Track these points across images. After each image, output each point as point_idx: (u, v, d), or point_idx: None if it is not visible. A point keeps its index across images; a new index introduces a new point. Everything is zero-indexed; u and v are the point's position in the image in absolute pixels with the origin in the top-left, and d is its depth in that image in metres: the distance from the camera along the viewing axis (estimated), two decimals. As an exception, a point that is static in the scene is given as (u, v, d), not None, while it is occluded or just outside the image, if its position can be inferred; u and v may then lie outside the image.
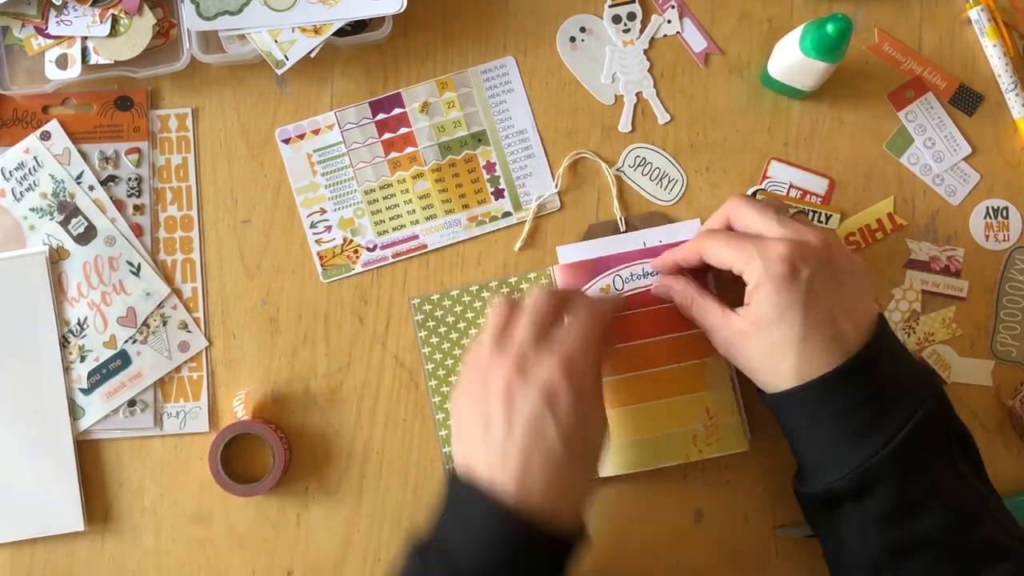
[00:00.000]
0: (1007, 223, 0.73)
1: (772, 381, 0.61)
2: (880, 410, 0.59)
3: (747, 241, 0.61)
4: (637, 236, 0.72)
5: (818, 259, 0.60)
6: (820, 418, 0.60)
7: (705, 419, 0.70)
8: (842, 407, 0.59)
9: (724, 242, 0.62)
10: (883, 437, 0.58)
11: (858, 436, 0.59)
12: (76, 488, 0.71)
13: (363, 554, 0.72)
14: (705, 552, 0.72)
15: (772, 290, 0.59)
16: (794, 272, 0.59)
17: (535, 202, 0.73)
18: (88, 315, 0.72)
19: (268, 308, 0.73)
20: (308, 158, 0.73)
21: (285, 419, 0.72)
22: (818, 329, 0.59)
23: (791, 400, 0.60)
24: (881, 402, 0.59)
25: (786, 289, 0.59)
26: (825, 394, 0.59)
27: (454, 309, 0.72)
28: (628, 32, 0.74)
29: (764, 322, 0.60)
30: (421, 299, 0.72)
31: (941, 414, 0.61)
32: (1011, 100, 0.73)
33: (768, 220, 0.62)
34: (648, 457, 0.70)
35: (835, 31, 0.63)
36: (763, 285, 0.60)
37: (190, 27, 0.70)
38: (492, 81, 0.74)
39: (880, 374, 0.60)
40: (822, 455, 0.61)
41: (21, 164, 0.72)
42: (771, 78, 0.71)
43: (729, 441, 0.70)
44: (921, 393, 0.60)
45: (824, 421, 0.60)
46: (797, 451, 0.63)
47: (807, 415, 0.60)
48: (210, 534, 0.72)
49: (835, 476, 0.59)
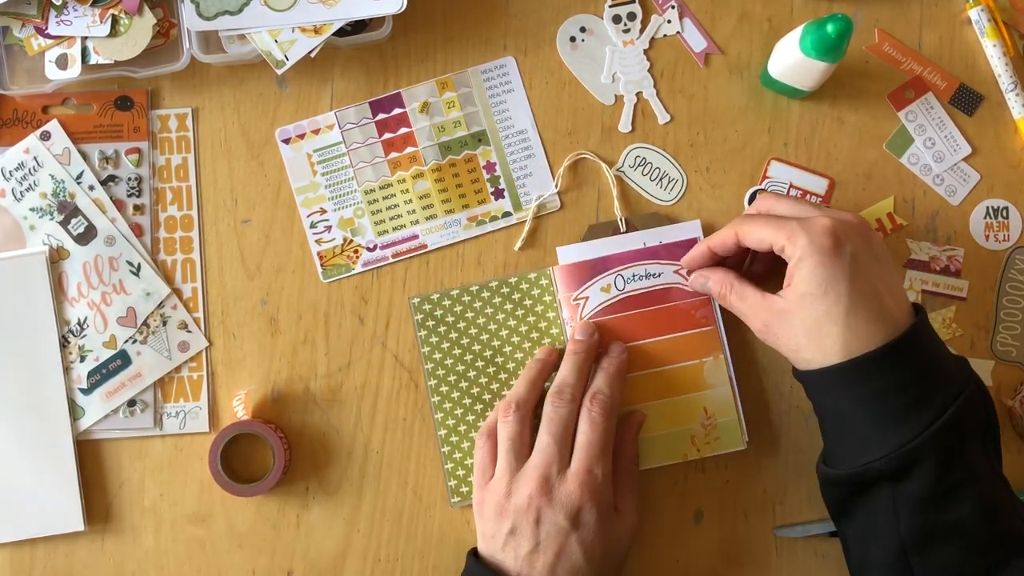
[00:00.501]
0: (1007, 223, 0.73)
1: (815, 359, 0.61)
2: (924, 392, 0.58)
3: (787, 219, 0.62)
4: (637, 236, 0.72)
5: (859, 235, 0.60)
6: (863, 396, 0.59)
7: (704, 418, 0.70)
8: (886, 386, 0.58)
9: (764, 221, 0.63)
10: (927, 418, 0.57)
11: (902, 416, 0.58)
12: (76, 488, 0.71)
13: (363, 554, 0.72)
14: (705, 552, 0.72)
15: (817, 263, 0.59)
16: (838, 245, 0.59)
17: (535, 202, 0.73)
18: (88, 315, 0.72)
19: (268, 308, 0.73)
20: (308, 158, 0.73)
21: (285, 419, 0.72)
22: (864, 303, 0.59)
23: (836, 376, 0.60)
24: (926, 384, 0.59)
25: (831, 262, 0.59)
26: (872, 371, 0.59)
27: (454, 309, 0.72)
28: (628, 32, 0.74)
29: (808, 298, 0.60)
30: (421, 298, 0.72)
31: (981, 401, 0.60)
32: (1011, 100, 0.73)
33: (803, 205, 0.63)
34: (646, 457, 0.70)
35: (835, 31, 0.63)
36: (807, 258, 0.59)
37: (190, 27, 0.70)
38: (492, 81, 0.74)
39: (924, 356, 0.60)
40: (862, 435, 0.60)
41: (21, 164, 0.72)
42: (771, 78, 0.71)
43: (727, 440, 0.70)
44: (962, 379, 0.60)
45: (867, 400, 0.59)
46: (832, 431, 0.62)
47: (851, 393, 0.60)
48: (210, 534, 0.72)
49: (874, 456, 0.58)
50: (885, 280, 0.61)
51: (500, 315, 0.71)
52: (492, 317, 0.71)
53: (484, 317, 0.71)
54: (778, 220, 0.62)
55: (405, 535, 0.71)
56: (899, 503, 0.58)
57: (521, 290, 0.72)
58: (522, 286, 0.72)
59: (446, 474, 0.71)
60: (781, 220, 0.62)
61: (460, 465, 0.71)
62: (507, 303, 0.72)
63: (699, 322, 0.70)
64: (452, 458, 0.71)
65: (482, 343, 0.71)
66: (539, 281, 0.72)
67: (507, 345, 0.71)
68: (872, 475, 0.59)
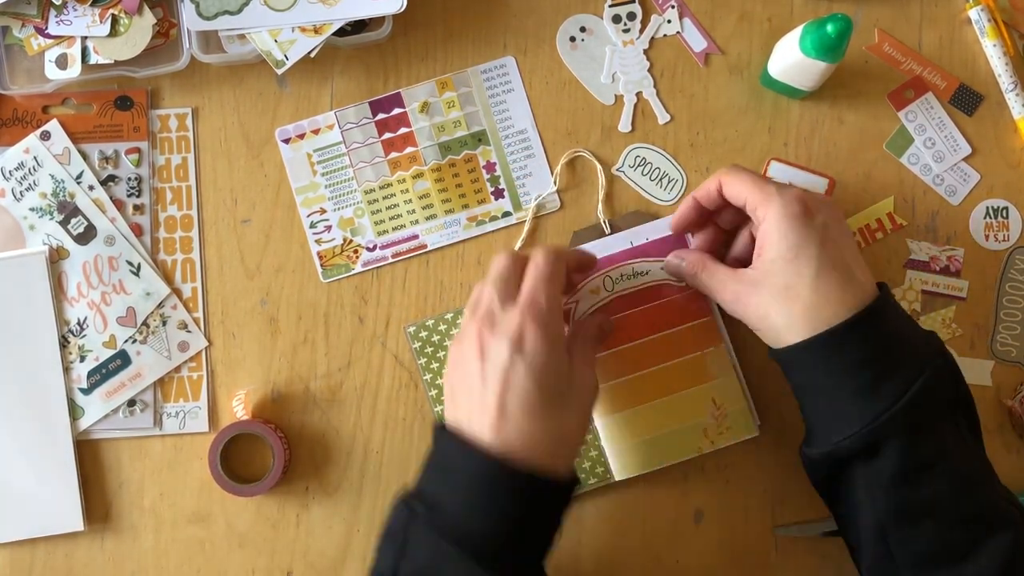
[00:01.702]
0: (1007, 223, 0.73)
1: (783, 330, 0.61)
2: (891, 366, 0.59)
3: (768, 183, 0.63)
4: (623, 236, 0.72)
5: (830, 208, 0.62)
6: (832, 371, 0.59)
7: (713, 410, 0.70)
8: (853, 360, 0.59)
9: (746, 177, 0.64)
10: (893, 394, 0.58)
11: (869, 392, 0.58)
12: (76, 488, 0.71)
13: (363, 554, 0.72)
14: (705, 552, 0.72)
15: (788, 227, 0.60)
16: (809, 212, 0.61)
17: (534, 201, 0.73)
18: (88, 315, 0.72)
19: (268, 308, 0.73)
20: (308, 158, 0.73)
21: (285, 419, 0.72)
22: (832, 270, 0.60)
23: (804, 352, 0.60)
24: (892, 358, 0.59)
25: (802, 227, 0.60)
26: (840, 344, 0.59)
27: (450, 332, 0.72)
28: (628, 32, 0.74)
29: (779, 262, 0.60)
30: (416, 326, 0.72)
31: (949, 375, 0.60)
32: (1011, 100, 0.73)
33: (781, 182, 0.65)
34: (661, 455, 0.70)
35: (835, 31, 0.63)
36: (779, 222, 0.60)
37: (190, 27, 0.70)
38: (492, 81, 0.74)
39: (891, 330, 0.60)
40: (832, 412, 0.60)
41: (21, 164, 0.72)
42: (771, 78, 0.71)
43: (738, 428, 0.70)
44: (929, 354, 0.60)
45: (836, 374, 0.59)
46: (807, 410, 0.63)
47: (819, 367, 0.60)
48: (210, 534, 0.72)
49: (844, 434, 0.58)
50: (853, 252, 0.62)
51: None
52: None
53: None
54: (760, 180, 0.63)
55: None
56: (872, 481, 0.58)
57: None
58: None
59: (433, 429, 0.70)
60: (762, 181, 0.63)
61: None
62: None
63: (695, 314, 0.70)
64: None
65: None
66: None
67: None
68: (844, 453, 0.59)
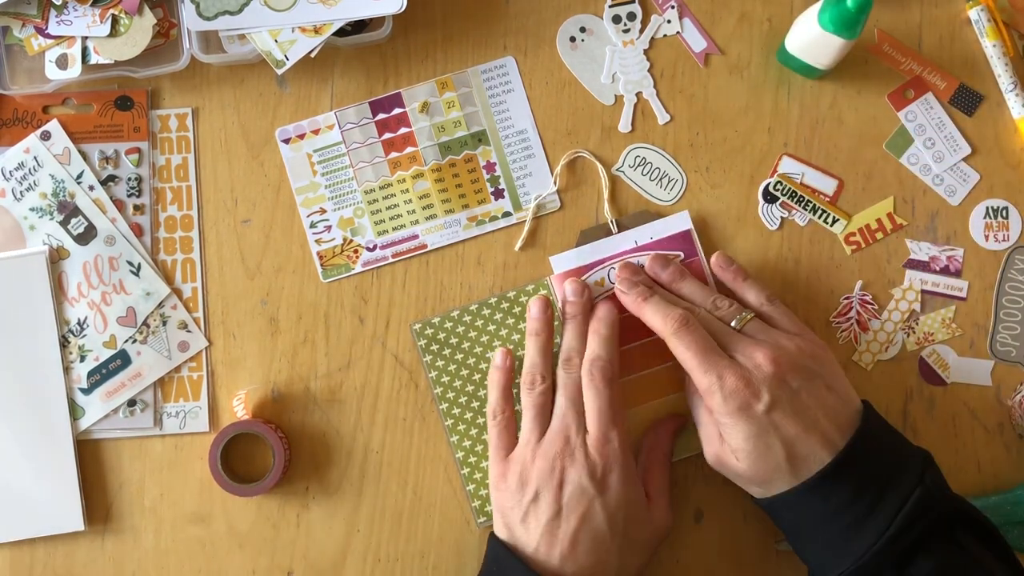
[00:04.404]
0: (1007, 223, 0.73)
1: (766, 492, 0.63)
2: (871, 503, 0.59)
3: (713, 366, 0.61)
4: (628, 236, 0.72)
5: (776, 367, 0.61)
6: (814, 518, 0.61)
7: None
8: (834, 506, 0.60)
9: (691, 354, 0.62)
10: (876, 530, 0.58)
11: (853, 531, 0.59)
12: (76, 488, 0.71)
13: (363, 554, 0.72)
14: (705, 552, 0.72)
15: (733, 424, 0.61)
16: (750, 402, 0.60)
17: (535, 202, 0.73)
18: (88, 315, 0.72)
19: (268, 308, 0.73)
20: (308, 158, 0.73)
21: (285, 419, 0.72)
22: (794, 442, 0.60)
23: (783, 505, 0.62)
24: (871, 496, 0.59)
25: (745, 421, 0.61)
26: (815, 495, 0.60)
27: (456, 330, 0.72)
28: (628, 32, 0.74)
29: (741, 452, 0.62)
30: (422, 324, 0.72)
31: (933, 499, 0.60)
32: (1011, 100, 0.73)
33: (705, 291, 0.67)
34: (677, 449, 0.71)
35: (855, 5, 0.63)
36: (724, 419, 0.62)
37: (190, 27, 0.70)
38: (492, 81, 0.74)
39: (868, 466, 0.60)
40: (823, 553, 0.61)
41: (21, 164, 0.72)
42: (788, 54, 0.71)
43: None
44: (910, 481, 0.60)
45: (819, 520, 0.60)
46: (798, 549, 0.64)
47: (802, 516, 0.61)
48: (210, 534, 0.72)
49: (837, 572, 0.59)
50: (818, 398, 0.61)
51: (503, 331, 0.71)
52: (495, 334, 0.71)
53: (487, 335, 0.71)
54: (703, 361, 0.62)
55: (405, 535, 0.71)
56: None
57: (520, 303, 0.72)
58: (521, 299, 0.72)
59: (468, 496, 0.70)
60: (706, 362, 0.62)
61: (482, 485, 0.70)
62: (508, 318, 0.71)
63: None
64: (472, 479, 0.70)
65: (489, 362, 0.71)
66: (537, 292, 0.72)
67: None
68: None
